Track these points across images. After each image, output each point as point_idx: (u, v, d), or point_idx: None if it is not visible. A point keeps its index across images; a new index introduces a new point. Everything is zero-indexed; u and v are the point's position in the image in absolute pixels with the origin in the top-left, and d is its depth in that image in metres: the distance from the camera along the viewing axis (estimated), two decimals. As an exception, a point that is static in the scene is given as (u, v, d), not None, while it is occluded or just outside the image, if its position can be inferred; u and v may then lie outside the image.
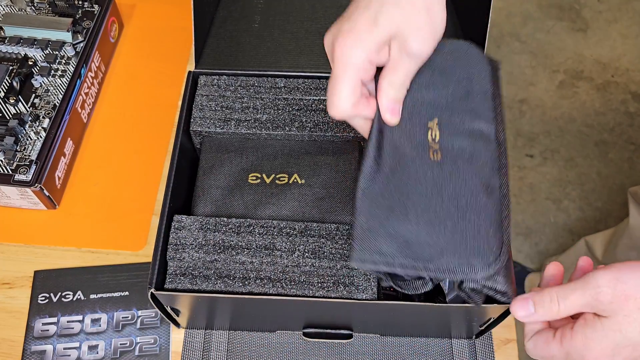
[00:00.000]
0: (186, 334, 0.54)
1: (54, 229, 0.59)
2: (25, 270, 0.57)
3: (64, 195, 0.61)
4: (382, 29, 0.37)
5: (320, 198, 0.49)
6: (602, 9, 1.72)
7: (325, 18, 0.61)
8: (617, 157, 1.46)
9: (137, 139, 0.65)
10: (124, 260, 0.58)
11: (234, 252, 0.46)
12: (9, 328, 0.54)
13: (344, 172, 0.51)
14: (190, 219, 0.47)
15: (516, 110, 1.53)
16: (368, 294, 0.45)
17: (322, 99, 0.53)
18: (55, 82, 0.62)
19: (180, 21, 0.74)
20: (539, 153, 1.47)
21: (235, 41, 0.59)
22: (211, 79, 0.55)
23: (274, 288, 0.45)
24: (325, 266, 0.45)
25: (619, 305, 0.37)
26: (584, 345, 0.38)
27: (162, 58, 0.71)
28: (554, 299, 0.39)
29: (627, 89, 1.57)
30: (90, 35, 0.65)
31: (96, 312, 0.55)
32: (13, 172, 0.56)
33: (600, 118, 1.52)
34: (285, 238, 0.46)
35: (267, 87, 0.54)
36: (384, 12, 0.37)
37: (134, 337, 0.54)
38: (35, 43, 0.64)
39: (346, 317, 0.48)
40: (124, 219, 0.60)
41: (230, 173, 0.51)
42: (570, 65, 1.61)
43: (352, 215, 0.46)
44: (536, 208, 1.39)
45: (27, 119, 0.59)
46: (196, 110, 0.53)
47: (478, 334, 0.51)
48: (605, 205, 1.40)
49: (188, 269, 0.45)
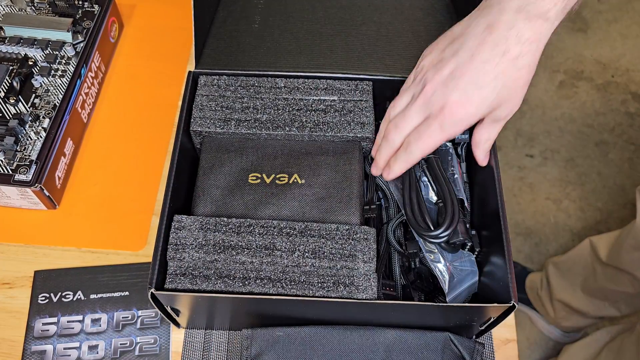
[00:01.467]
0: (186, 334, 0.54)
1: (54, 229, 0.59)
2: (25, 270, 0.57)
3: (64, 195, 0.61)
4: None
5: (321, 198, 0.49)
6: (602, 9, 1.72)
7: (325, 18, 0.61)
8: (617, 157, 1.46)
9: (137, 139, 0.65)
10: (124, 260, 0.58)
11: (234, 252, 0.46)
12: (9, 328, 0.54)
13: (344, 172, 0.51)
14: (190, 219, 0.47)
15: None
16: (368, 294, 0.45)
17: (322, 99, 0.53)
18: (55, 82, 0.62)
19: (180, 21, 0.74)
20: (539, 153, 1.47)
21: (235, 41, 0.59)
22: (211, 79, 0.55)
23: (274, 288, 0.45)
24: (325, 266, 0.45)
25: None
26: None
27: (162, 58, 0.71)
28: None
29: (627, 89, 1.57)
30: (91, 35, 0.66)
31: (96, 312, 0.55)
32: (13, 172, 0.56)
33: (600, 118, 1.52)
34: (285, 238, 0.46)
35: (267, 87, 0.54)
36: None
37: (134, 337, 0.54)
38: (35, 43, 0.64)
39: (346, 317, 0.48)
40: (124, 219, 0.60)
41: (230, 173, 0.51)
42: (570, 65, 1.61)
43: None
44: (536, 208, 1.39)
45: (27, 119, 0.59)
46: (196, 110, 0.53)
47: (478, 334, 0.51)
48: (606, 205, 1.40)
49: (188, 269, 0.45)
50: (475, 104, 0.41)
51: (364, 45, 0.58)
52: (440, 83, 0.42)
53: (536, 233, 1.36)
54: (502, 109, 0.42)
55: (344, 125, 0.52)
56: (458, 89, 0.41)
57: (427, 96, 0.42)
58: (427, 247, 0.49)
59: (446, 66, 0.42)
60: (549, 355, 1.20)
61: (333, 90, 0.54)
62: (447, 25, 0.60)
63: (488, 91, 0.40)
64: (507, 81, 0.40)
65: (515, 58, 0.39)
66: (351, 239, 0.46)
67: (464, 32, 0.42)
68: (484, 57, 0.40)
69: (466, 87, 0.40)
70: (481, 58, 0.40)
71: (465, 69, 0.40)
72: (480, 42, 0.40)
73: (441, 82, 0.42)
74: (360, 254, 0.46)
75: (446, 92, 0.41)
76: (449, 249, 0.49)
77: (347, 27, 0.60)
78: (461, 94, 0.41)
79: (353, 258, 0.45)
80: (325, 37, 0.59)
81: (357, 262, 0.45)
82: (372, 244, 0.46)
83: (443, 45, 0.44)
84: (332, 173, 0.50)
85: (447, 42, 0.43)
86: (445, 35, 0.44)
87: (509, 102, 0.41)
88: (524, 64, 0.39)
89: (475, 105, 0.41)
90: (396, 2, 0.62)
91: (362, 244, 0.46)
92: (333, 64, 0.56)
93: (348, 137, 0.52)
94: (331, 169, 0.51)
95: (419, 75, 0.44)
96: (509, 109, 0.42)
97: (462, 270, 0.48)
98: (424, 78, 0.43)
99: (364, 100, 0.53)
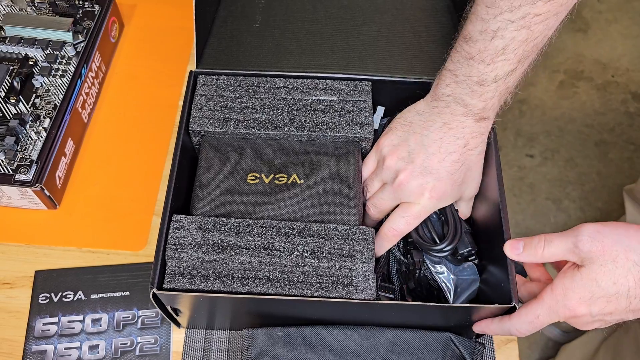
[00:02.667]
0: (187, 334, 0.54)
1: (55, 229, 0.60)
2: (25, 270, 0.57)
3: (65, 195, 0.61)
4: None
5: (319, 198, 0.49)
6: (602, 9, 1.72)
7: (326, 18, 0.61)
8: (617, 157, 1.46)
9: (138, 139, 0.65)
10: (125, 260, 0.58)
11: (232, 252, 0.46)
12: (10, 328, 0.55)
13: (343, 173, 0.51)
14: (189, 218, 0.47)
15: (516, 110, 1.53)
16: (367, 294, 0.45)
17: (321, 99, 0.53)
18: (55, 82, 0.62)
19: (181, 21, 0.74)
20: (539, 153, 1.47)
21: (236, 41, 0.59)
22: (210, 78, 0.55)
23: (273, 288, 0.45)
24: (323, 266, 0.45)
25: (596, 255, 0.40)
26: (563, 294, 0.41)
27: (163, 58, 0.72)
28: (541, 242, 0.43)
29: (627, 89, 1.57)
30: (91, 35, 0.66)
31: (97, 312, 0.55)
32: (14, 172, 0.56)
33: (600, 118, 1.52)
34: (284, 238, 0.46)
35: (266, 87, 0.54)
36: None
37: (134, 337, 0.54)
38: (35, 43, 0.64)
39: (346, 317, 0.48)
40: (125, 219, 0.60)
41: (229, 173, 0.51)
42: (570, 65, 1.61)
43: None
44: (536, 208, 1.39)
45: (28, 119, 0.59)
46: (195, 110, 0.53)
47: (479, 334, 0.51)
48: (606, 205, 1.40)
49: (187, 269, 0.46)
50: (449, 186, 0.47)
51: (364, 46, 0.58)
52: (416, 174, 0.47)
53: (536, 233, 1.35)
54: (469, 190, 0.50)
55: (343, 125, 0.52)
56: (432, 176, 0.47)
57: (403, 185, 0.48)
58: (431, 259, 0.49)
59: (417, 158, 0.47)
60: (548, 355, 1.20)
61: (332, 91, 0.54)
62: (448, 25, 0.60)
63: (458, 176, 0.47)
64: (470, 165, 0.48)
65: (474, 148, 0.47)
66: (350, 239, 0.46)
67: (423, 124, 0.48)
68: (449, 149, 0.46)
69: (439, 174, 0.47)
70: (447, 150, 0.46)
71: (434, 159, 0.47)
72: (442, 136, 0.47)
73: (416, 173, 0.47)
74: (359, 254, 0.46)
75: (423, 182, 0.47)
76: (454, 261, 0.49)
77: (348, 27, 0.60)
78: (436, 180, 0.47)
79: (352, 258, 0.45)
80: (326, 37, 0.59)
81: (355, 262, 0.45)
82: (370, 245, 0.46)
83: (403, 135, 0.49)
84: (330, 173, 0.51)
85: (406, 134, 0.49)
86: (403, 125, 0.49)
87: (473, 182, 0.50)
88: (480, 151, 0.48)
89: (450, 186, 0.47)
90: (397, 2, 0.62)
91: (360, 244, 0.46)
92: (334, 64, 0.56)
93: (347, 137, 0.52)
94: (330, 169, 0.51)
95: (387, 162, 0.49)
96: (473, 188, 0.50)
97: (465, 279, 0.49)
98: (396, 167, 0.48)
99: (363, 101, 0.53)
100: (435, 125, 0.47)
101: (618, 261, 0.39)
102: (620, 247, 0.40)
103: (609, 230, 0.40)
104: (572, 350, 1.04)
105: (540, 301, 0.43)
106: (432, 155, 0.47)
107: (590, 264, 0.40)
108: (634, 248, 0.39)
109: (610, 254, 0.40)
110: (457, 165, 0.47)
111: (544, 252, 0.43)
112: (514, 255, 0.44)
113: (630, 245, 0.40)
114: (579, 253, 0.41)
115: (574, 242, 0.41)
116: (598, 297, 0.40)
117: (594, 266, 0.40)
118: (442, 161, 0.47)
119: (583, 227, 0.41)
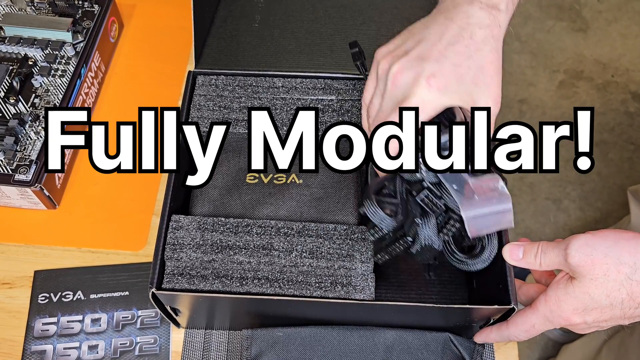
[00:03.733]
0: (186, 334, 0.54)
1: (54, 229, 0.60)
2: (25, 270, 0.57)
3: (64, 195, 0.61)
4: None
5: (318, 198, 0.49)
6: (602, 9, 1.72)
7: (325, 18, 0.61)
8: (617, 157, 1.46)
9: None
10: (124, 260, 0.58)
11: (231, 252, 0.46)
12: (9, 328, 0.54)
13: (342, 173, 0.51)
14: (188, 218, 0.47)
15: (516, 110, 1.53)
16: (366, 294, 0.45)
17: (320, 99, 0.53)
18: (55, 82, 0.62)
19: (180, 21, 0.74)
20: (539, 153, 1.47)
21: (236, 41, 0.59)
22: (209, 78, 0.55)
23: (272, 288, 0.45)
24: (323, 266, 0.45)
25: (586, 269, 0.39)
26: (557, 306, 0.41)
27: (162, 58, 0.72)
28: (539, 251, 0.42)
29: (627, 89, 1.57)
30: (90, 35, 0.66)
31: (96, 312, 0.55)
32: (13, 172, 0.56)
33: (600, 118, 1.52)
34: (283, 238, 0.46)
35: (265, 86, 0.54)
36: None
37: (134, 337, 0.54)
38: (35, 43, 0.64)
39: (345, 317, 0.48)
40: (124, 219, 0.60)
41: (228, 173, 0.51)
42: (570, 65, 1.61)
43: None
44: (536, 208, 1.39)
45: (27, 119, 0.59)
46: (194, 110, 0.53)
47: (477, 334, 0.51)
48: (605, 205, 1.40)
49: (186, 269, 0.45)
50: (453, 78, 0.39)
51: (364, 45, 0.58)
52: (410, 64, 0.40)
53: (536, 233, 1.36)
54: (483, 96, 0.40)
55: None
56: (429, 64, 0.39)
57: (397, 80, 0.40)
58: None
59: (412, 52, 0.40)
60: (549, 355, 1.20)
61: (331, 90, 0.54)
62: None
63: (465, 70, 0.39)
64: (481, 62, 0.39)
65: (482, 41, 0.39)
66: (349, 239, 0.46)
67: (423, 26, 0.41)
68: (451, 40, 0.39)
69: (439, 62, 0.39)
70: (448, 40, 0.39)
71: (434, 49, 0.39)
72: (444, 29, 0.40)
73: (410, 64, 0.40)
74: (358, 254, 0.46)
75: (419, 70, 0.39)
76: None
77: (348, 26, 0.60)
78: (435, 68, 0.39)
79: (351, 258, 0.45)
80: (326, 36, 0.59)
81: (354, 262, 0.45)
82: (369, 244, 0.46)
83: (400, 41, 0.42)
84: (329, 173, 0.50)
85: (405, 37, 0.42)
86: (402, 34, 0.43)
87: (487, 89, 0.40)
88: (492, 48, 0.39)
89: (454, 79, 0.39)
90: (397, 2, 0.62)
91: (359, 244, 0.46)
92: (333, 64, 0.56)
93: (346, 137, 0.52)
94: (329, 169, 0.51)
95: (381, 66, 0.42)
96: (487, 96, 0.40)
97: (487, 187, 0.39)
98: (390, 64, 0.41)
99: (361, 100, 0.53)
100: (438, 21, 0.41)
101: (609, 275, 0.39)
102: (611, 260, 0.39)
103: (598, 242, 0.39)
104: (573, 350, 1.04)
105: (535, 310, 0.42)
106: (431, 46, 0.40)
107: (581, 277, 0.40)
108: (626, 261, 0.39)
109: (600, 268, 0.39)
110: (461, 57, 0.39)
111: (541, 262, 0.42)
112: (513, 261, 0.44)
113: (621, 258, 0.39)
114: (569, 267, 0.40)
115: (564, 256, 0.40)
116: (592, 309, 0.40)
117: (585, 280, 0.40)
118: (443, 51, 0.39)
119: (572, 241, 0.40)
